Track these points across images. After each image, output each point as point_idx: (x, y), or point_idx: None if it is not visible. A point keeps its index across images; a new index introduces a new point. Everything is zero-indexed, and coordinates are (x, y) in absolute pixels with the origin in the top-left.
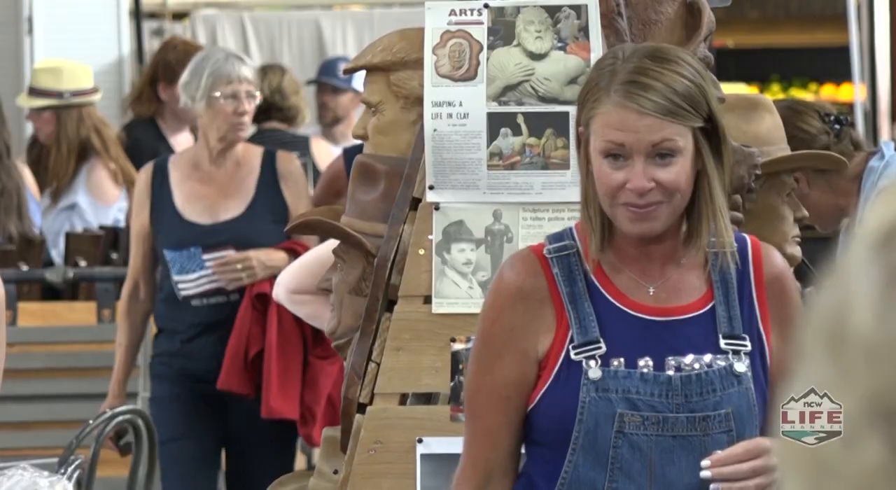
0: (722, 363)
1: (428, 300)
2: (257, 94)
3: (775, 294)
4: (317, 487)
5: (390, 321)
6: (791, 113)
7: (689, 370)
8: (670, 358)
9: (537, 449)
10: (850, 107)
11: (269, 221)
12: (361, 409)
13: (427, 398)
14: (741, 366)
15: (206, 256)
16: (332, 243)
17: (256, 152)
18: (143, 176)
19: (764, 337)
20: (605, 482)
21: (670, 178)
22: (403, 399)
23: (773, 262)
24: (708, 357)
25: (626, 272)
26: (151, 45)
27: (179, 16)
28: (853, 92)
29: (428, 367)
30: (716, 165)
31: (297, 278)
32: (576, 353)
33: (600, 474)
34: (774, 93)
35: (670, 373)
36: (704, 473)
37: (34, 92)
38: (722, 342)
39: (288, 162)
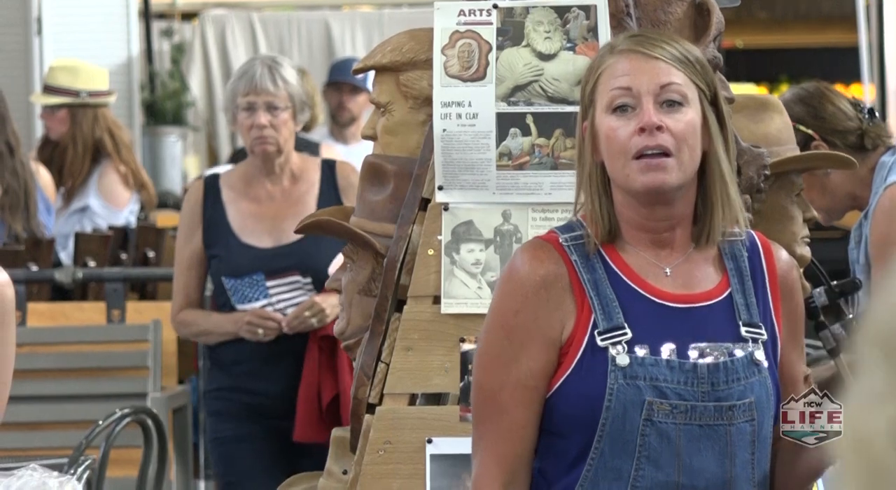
0: (743, 351)
1: (437, 300)
2: (284, 105)
3: (785, 288)
4: (326, 487)
5: (399, 321)
6: (829, 92)
7: (714, 358)
8: (693, 345)
9: (555, 440)
10: None
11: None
12: (371, 409)
13: (436, 398)
14: (760, 354)
15: (269, 283)
16: None
17: (314, 164)
18: (193, 196)
19: (776, 327)
20: (632, 470)
21: (679, 127)
22: (413, 399)
23: (781, 257)
24: (729, 345)
25: (641, 255)
26: (160, 45)
27: (189, 16)
28: (862, 92)
29: (437, 367)
30: (724, 149)
31: None
32: (601, 340)
33: (626, 462)
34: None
35: (695, 360)
36: None
37: (49, 89)
38: (742, 330)
39: (349, 172)
